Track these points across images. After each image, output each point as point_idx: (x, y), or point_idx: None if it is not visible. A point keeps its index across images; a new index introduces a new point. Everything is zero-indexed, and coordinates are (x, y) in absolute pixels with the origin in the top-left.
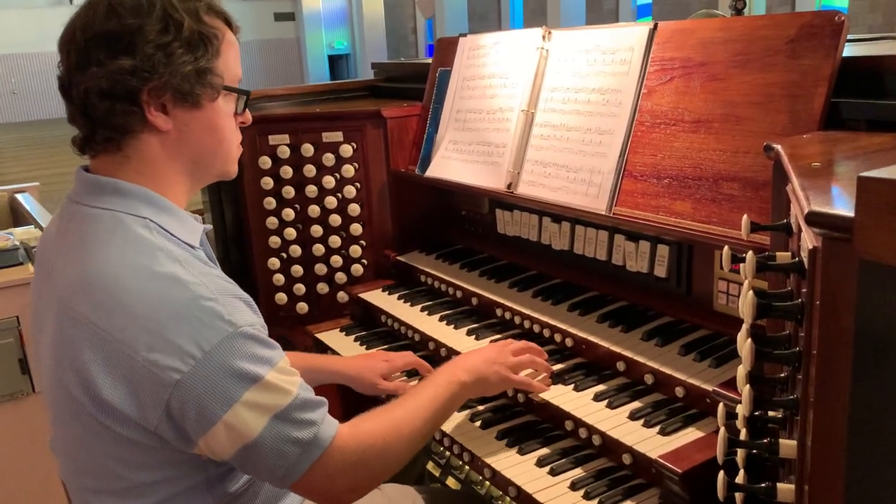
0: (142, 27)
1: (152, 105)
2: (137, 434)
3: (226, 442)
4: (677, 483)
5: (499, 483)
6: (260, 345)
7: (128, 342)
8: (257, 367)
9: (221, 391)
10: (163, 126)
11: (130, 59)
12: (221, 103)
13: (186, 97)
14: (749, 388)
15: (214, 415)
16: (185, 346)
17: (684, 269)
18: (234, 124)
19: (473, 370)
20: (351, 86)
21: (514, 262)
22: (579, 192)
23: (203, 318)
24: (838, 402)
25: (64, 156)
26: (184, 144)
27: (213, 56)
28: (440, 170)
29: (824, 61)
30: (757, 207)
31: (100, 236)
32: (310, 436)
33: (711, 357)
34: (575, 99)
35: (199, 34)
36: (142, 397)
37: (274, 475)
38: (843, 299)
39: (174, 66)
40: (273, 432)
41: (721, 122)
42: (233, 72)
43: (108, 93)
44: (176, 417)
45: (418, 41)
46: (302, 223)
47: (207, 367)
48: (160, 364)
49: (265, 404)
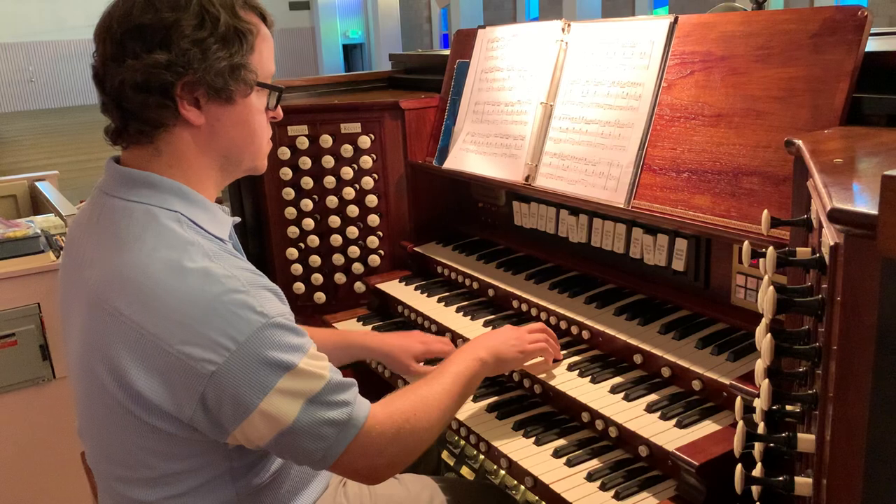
0: (178, 21)
1: (185, 99)
2: (170, 425)
3: (263, 429)
4: (694, 475)
5: (515, 473)
6: (291, 333)
7: (162, 336)
8: (290, 356)
9: (256, 380)
10: (195, 120)
11: (166, 53)
12: (254, 99)
13: (220, 92)
14: (768, 382)
15: (251, 403)
16: (219, 338)
17: (702, 263)
18: (266, 119)
19: (492, 348)
20: (369, 77)
21: (530, 255)
22: (598, 185)
23: (236, 310)
24: (859, 397)
25: (82, 144)
26: (215, 139)
27: (248, 52)
28: (458, 162)
29: (846, 56)
30: (777, 202)
31: (133, 231)
32: (344, 416)
33: (729, 351)
34: (594, 92)
35: (234, 29)
36: (176, 389)
37: (313, 458)
38: (864, 296)
39: (209, 61)
40: (308, 416)
41: (741, 117)
42: (266, 67)
43: (142, 86)
44: (211, 408)
45: (433, 30)
46: (320, 213)
47: (242, 357)
48: (195, 356)
49: (299, 390)
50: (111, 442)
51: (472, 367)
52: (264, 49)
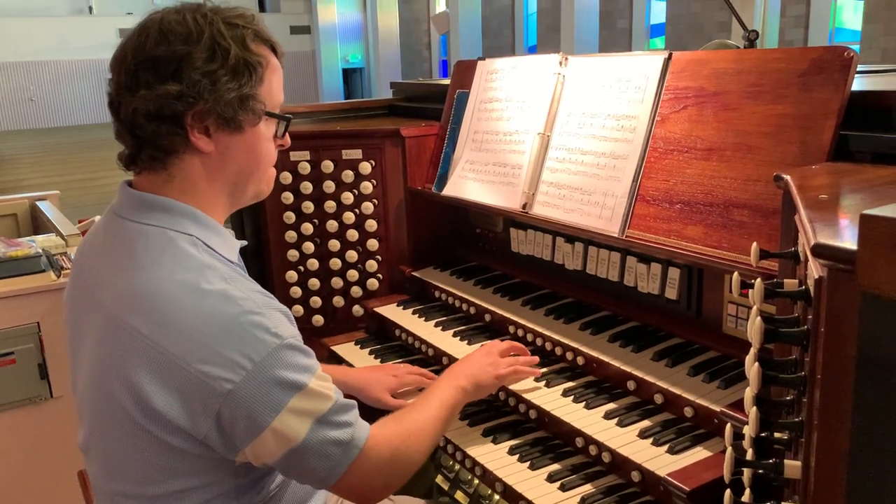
0: (190, 54)
1: (196, 128)
2: (183, 441)
3: (273, 447)
4: (685, 500)
5: (509, 497)
6: (302, 354)
7: (180, 355)
8: (301, 376)
9: (270, 399)
10: (205, 148)
11: (177, 84)
12: (263, 128)
13: (229, 122)
14: (756, 409)
15: (264, 422)
16: (236, 357)
17: (695, 292)
18: (274, 147)
19: (471, 376)
20: (370, 104)
21: (527, 281)
22: (593, 214)
23: (252, 331)
24: (841, 425)
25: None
26: (224, 165)
27: (257, 83)
28: (457, 189)
29: (834, 95)
30: (766, 234)
31: (150, 253)
32: (347, 436)
33: (720, 378)
34: (590, 123)
35: (244, 62)
36: (193, 406)
37: (317, 476)
38: (846, 328)
39: (219, 92)
40: (316, 435)
41: (733, 151)
42: (275, 97)
43: (154, 115)
44: (225, 426)
45: (432, 56)
46: (320, 237)
47: (257, 377)
48: (212, 375)
49: (309, 410)
50: (121, 458)
51: (456, 396)
52: (273, 80)
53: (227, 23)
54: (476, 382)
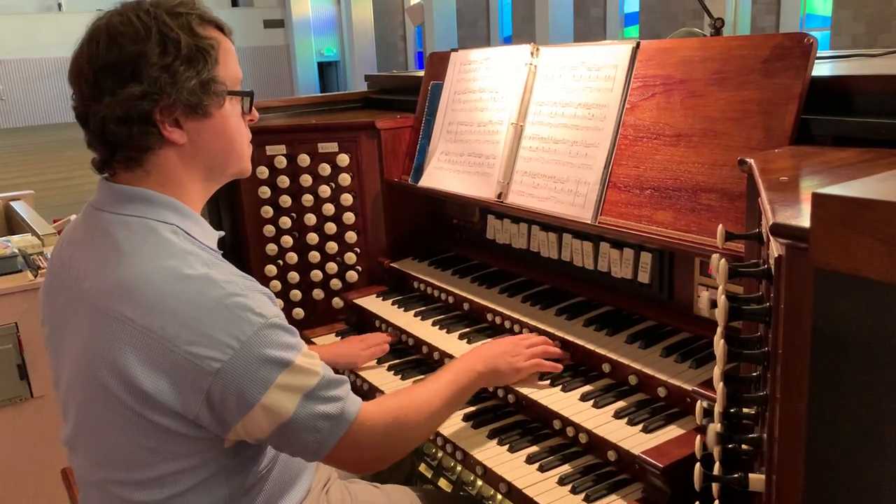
0: (143, 53)
1: (166, 122)
2: (174, 422)
3: (263, 423)
4: (659, 477)
5: (490, 480)
6: (286, 333)
7: (168, 338)
8: (287, 353)
9: (258, 377)
10: (179, 140)
11: (138, 84)
12: (229, 107)
13: (196, 109)
14: (723, 385)
15: (253, 398)
16: (223, 338)
17: (666, 276)
18: (244, 124)
19: (488, 362)
20: (345, 97)
21: (504, 269)
22: (566, 201)
23: (237, 312)
24: (800, 398)
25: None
26: (199, 152)
27: (213, 65)
28: (433, 180)
29: (795, 80)
30: (733, 217)
31: (132, 242)
32: (337, 410)
33: (692, 359)
34: (562, 113)
35: (196, 48)
36: (183, 388)
37: (308, 449)
38: (803, 304)
39: (179, 83)
40: (305, 410)
41: (700, 137)
42: (234, 75)
43: (124, 119)
44: (216, 404)
45: (407, 48)
46: (298, 231)
47: (244, 355)
48: (200, 355)
49: (297, 385)
50: (111, 446)
51: (468, 377)
52: (228, 59)
53: (171, 13)
54: (494, 368)
